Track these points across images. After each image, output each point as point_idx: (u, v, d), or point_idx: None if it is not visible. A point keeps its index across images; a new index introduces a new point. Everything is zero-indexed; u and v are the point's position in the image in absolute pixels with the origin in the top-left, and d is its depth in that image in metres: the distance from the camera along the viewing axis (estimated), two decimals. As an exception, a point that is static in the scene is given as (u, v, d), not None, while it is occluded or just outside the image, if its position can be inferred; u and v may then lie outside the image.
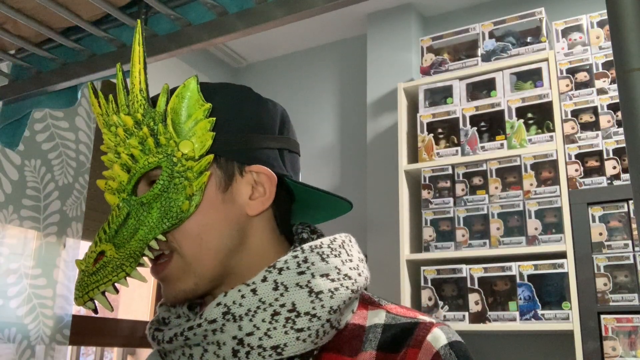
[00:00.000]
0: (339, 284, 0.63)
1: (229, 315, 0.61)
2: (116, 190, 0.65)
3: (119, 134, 0.65)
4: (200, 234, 0.64)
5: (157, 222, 0.63)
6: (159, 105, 0.64)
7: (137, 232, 0.63)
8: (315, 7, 0.74)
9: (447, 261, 2.20)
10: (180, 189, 0.63)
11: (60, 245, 1.99)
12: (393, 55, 2.70)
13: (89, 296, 0.61)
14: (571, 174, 2.04)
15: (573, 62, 2.16)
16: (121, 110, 0.65)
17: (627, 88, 0.44)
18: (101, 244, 0.63)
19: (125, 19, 0.84)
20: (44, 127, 2.00)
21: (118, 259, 0.62)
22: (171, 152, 0.64)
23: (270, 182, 0.67)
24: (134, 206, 0.64)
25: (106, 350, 2.70)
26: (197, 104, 0.65)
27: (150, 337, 0.67)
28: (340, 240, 0.69)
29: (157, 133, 0.64)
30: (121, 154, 0.65)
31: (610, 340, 1.83)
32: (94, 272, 0.61)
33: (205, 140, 0.64)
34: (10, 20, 0.88)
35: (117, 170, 0.65)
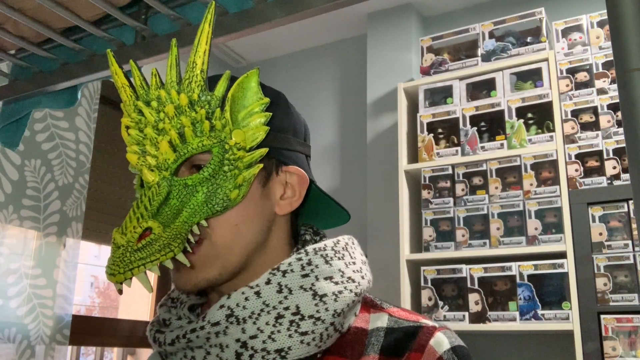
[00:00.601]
0: (343, 287, 0.63)
1: (232, 317, 0.60)
2: (156, 167, 0.63)
3: (165, 111, 0.63)
4: (238, 225, 0.64)
5: (202, 206, 0.62)
6: (217, 90, 0.64)
7: (181, 213, 0.62)
8: (315, 7, 0.74)
9: (447, 261, 2.20)
10: (229, 177, 0.63)
11: (60, 245, 1.99)
12: (393, 55, 2.70)
13: (132, 273, 0.58)
14: (571, 174, 2.04)
15: (573, 62, 2.16)
16: (170, 87, 0.63)
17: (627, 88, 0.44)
18: (146, 220, 0.60)
19: (125, 19, 0.84)
20: (44, 127, 2.00)
21: (166, 237, 0.59)
22: (224, 139, 0.63)
23: (301, 184, 0.69)
24: (176, 186, 0.62)
25: (106, 350, 2.70)
26: (256, 97, 0.66)
27: (151, 338, 0.67)
28: (343, 243, 0.69)
29: (212, 117, 0.63)
30: (169, 131, 0.63)
31: (610, 340, 1.83)
32: (138, 249, 0.58)
33: (258, 133, 0.65)
34: (10, 20, 0.88)
35: (164, 147, 0.62)
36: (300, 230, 0.73)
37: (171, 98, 0.63)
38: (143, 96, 0.64)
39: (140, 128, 0.64)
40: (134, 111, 0.64)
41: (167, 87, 0.63)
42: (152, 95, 0.64)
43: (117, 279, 0.57)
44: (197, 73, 0.63)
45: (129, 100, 0.65)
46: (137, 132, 0.64)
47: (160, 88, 0.64)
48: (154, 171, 0.63)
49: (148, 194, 0.62)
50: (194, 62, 0.63)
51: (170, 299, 0.73)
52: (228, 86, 0.64)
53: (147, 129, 0.63)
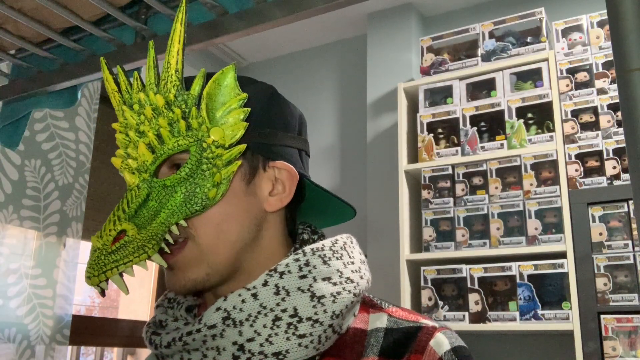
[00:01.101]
0: (341, 288, 0.62)
1: (229, 320, 0.59)
2: (136, 169, 0.63)
3: (144, 113, 0.63)
4: (221, 224, 0.63)
5: (180, 206, 0.61)
6: (193, 89, 0.63)
7: (159, 214, 0.61)
8: (315, 7, 0.74)
9: (447, 261, 2.20)
10: (207, 176, 0.62)
11: (60, 245, 1.99)
12: (393, 55, 2.70)
13: (105, 276, 0.58)
14: (571, 174, 2.04)
15: (573, 62, 2.16)
16: (149, 89, 0.63)
17: (627, 88, 0.44)
18: (121, 222, 0.60)
19: (125, 19, 0.84)
20: (44, 127, 2.00)
21: (140, 239, 0.59)
22: (201, 137, 0.63)
23: (291, 180, 0.67)
24: (156, 188, 0.62)
25: (106, 350, 2.70)
26: (233, 93, 0.65)
27: (147, 340, 0.66)
28: (341, 242, 0.68)
29: (189, 116, 0.63)
30: (147, 133, 0.62)
31: (610, 340, 1.83)
32: (112, 252, 0.59)
33: (237, 130, 0.64)
34: (10, 20, 0.88)
35: (141, 149, 0.62)
36: (298, 229, 0.72)
37: (149, 100, 0.63)
38: (127, 100, 0.64)
39: (126, 132, 0.64)
40: (122, 115, 0.64)
41: (147, 90, 0.63)
42: (134, 99, 0.64)
43: (92, 282, 0.58)
44: (171, 73, 0.63)
45: (118, 105, 0.65)
46: (123, 136, 0.64)
47: (141, 91, 0.64)
48: (134, 173, 0.63)
49: (127, 196, 0.62)
50: (168, 62, 0.63)
51: (167, 300, 0.72)
52: (203, 84, 0.64)
53: (130, 132, 0.63)
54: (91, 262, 0.59)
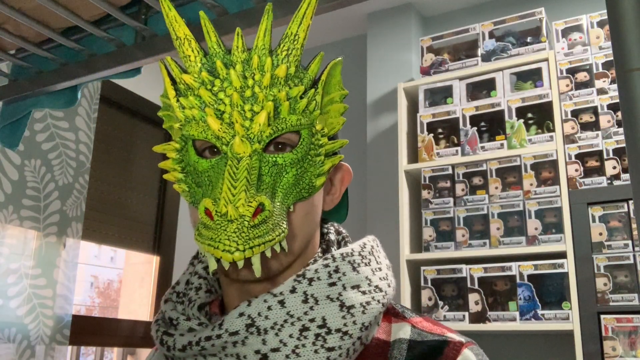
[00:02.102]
0: (370, 297, 0.59)
1: (252, 328, 0.55)
2: (246, 137, 0.57)
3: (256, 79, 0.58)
4: (308, 214, 0.61)
5: (292, 189, 0.58)
6: (312, 70, 0.61)
7: (276, 192, 0.57)
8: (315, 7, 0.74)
9: (447, 261, 2.20)
10: (314, 163, 0.60)
11: (60, 245, 1.99)
12: (393, 55, 2.70)
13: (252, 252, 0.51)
14: (571, 174, 2.04)
15: (573, 62, 2.16)
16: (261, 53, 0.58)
17: (627, 88, 0.44)
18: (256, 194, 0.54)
19: (125, 19, 0.84)
20: (44, 127, 2.00)
21: (276, 216, 0.54)
22: (313, 122, 0.60)
23: (343, 182, 0.67)
24: (266, 163, 0.57)
25: (106, 350, 2.70)
26: (338, 86, 0.64)
27: (159, 341, 0.61)
28: (369, 246, 0.65)
29: (306, 96, 0.60)
30: (264, 102, 0.57)
31: (610, 340, 1.83)
32: (255, 225, 0.52)
33: (337, 123, 0.63)
34: (10, 20, 0.88)
35: (261, 118, 0.56)
36: (323, 229, 0.69)
37: (265, 66, 0.58)
38: (220, 55, 0.59)
39: (213, 91, 0.58)
40: (203, 69, 0.59)
41: (259, 52, 0.58)
42: (237, 58, 0.58)
43: (235, 257, 0.50)
44: (297, 47, 0.59)
45: (195, 57, 0.59)
46: (209, 95, 0.58)
47: (247, 51, 0.59)
48: (244, 142, 0.56)
49: (241, 166, 0.55)
50: (296, 34, 0.59)
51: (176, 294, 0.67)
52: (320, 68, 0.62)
53: (230, 93, 0.57)
54: (230, 234, 0.51)
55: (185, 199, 0.62)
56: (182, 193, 0.62)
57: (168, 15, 0.61)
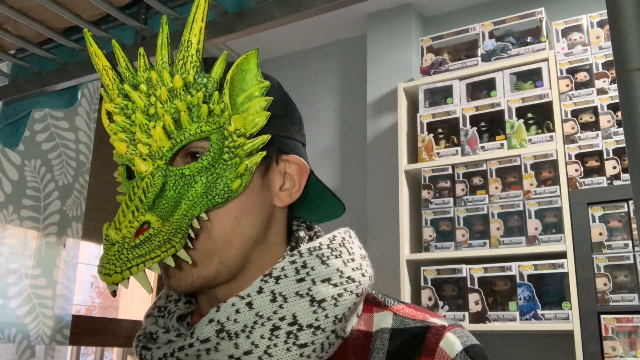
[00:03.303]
0: (343, 289, 0.58)
1: (223, 333, 0.55)
2: (149, 155, 0.57)
3: (157, 94, 0.57)
4: (239, 217, 0.59)
5: (201, 197, 0.57)
6: (214, 72, 0.59)
7: (179, 205, 0.56)
8: (315, 7, 0.74)
9: (447, 261, 2.20)
10: (230, 166, 0.58)
11: (60, 245, 1.99)
12: (393, 55, 2.70)
13: (130, 272, 0.51)
14: (571, 174, 2.04)
15: (573, 62, 2.16)
16: (161, 68, 0.58)
17: (627, 88, 0.44)
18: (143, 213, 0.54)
19: (125, 19, 0.84)
20: (44, 127, 2.00)
21: (165, 232, 0.53)
22: (223, 124, 0.58)
23: (301, 175, 0.65)
24: (172, 177, 0.57)
25: (106, 350, 2.70)
26: (255, 80, 0.61)
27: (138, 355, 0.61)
28: (339, 238, 0.64)
29: (210, 101, 0.58)
30: (163, 116, 0.57)
31: (610, 340, 1.83)
32: (136, 245, 0.52)
33: (259, 119, 0.60)
34: (10, 20, 0.88)
35: (158, 133, 0.56)
36: (293, 226, 0.68)
37: (163, 80, 0.58)
38: (129, 79, 0.59)
39: (127, 114, 0.58)
40: (119, 95, 0.59)
41: (158, 68, 0.58)
42: (141, 78, 0.58)
43: (113, 279, 0.51)
44: (192, 53, 0.58)
45: (112, 84, 0.59)
46: (123, 119, 0.58)
47: (149, 70, 0.58)
48: (147, 160, 0.57)
49: (141, 185, 0.56)
50: (188, 40, 0.58)
51: (157, 308, 0.67)
52: (225, 68, 0.60)
53: (137, 115, 0.57)
54: (110, 257, 0.52)
55: None
56: None
57: (89, 50, 0.61)
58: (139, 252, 0.52)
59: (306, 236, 0.67)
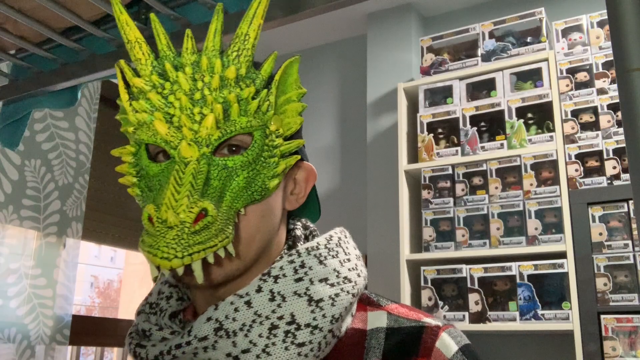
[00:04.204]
0: (339, 289, 0.59)
1: (221, 331, 0.55)
2: (194, 141, 0.56)
3: (206, 81, 0.57)
4: (264, 216, 0.60)
5: (242, 192, 0.57)
6: (264, 70, 0.60)
7: (224, 197, 0.56)
8: (315, 7, 0.74)
9: (447, 261, 2.20)
10: (268, 165, 0.59)
11: (60, 245, 1.99)
12: (393, 55, 2.70)
13: (191, 258, 0.50)
14: (571, 174, 2.04)
15: (573, 62, 2.16)
16: (211, 55, 0.58)
17: (627, 88, 0.44)
18: (198, 199, 0.53)
19: (125, 19, 0.84)
20: (44, 127, 2.00)
21: (219, 222, 0.53)
22: (266, 123, 0.59)
23: (308, 181, 0.66)
24: (215, 167, 0.56)
25: (106, 350, 2.70)
26: (295, 85, 0.63)
27: (132, 353, 0.61)
28: (336, 238, 0.65)
29: (258, 97, 0.59)
30: (212, 104, 0.56)
31: (610, 340, 1.83)
32: (196, 232, 0.51)
33: (294, 123, 0.61)
34: (10, 20, 0.88)
35: (209, 121, 0.55)
36: (289, 225, 0.69)
37: (214, 67, 0.57)
38: (170, 58, 0.58)
39: (164, 94, 0.57)
40: (152, 73, 0.58)
41: (209, 54, 0.58)
42: (186, 60, 0.58)
43: (173, 264, 0.49)
44: (248, 47, 0.59)
45: (145, 59, 0.58)
46: (159, 98, 0.57)
47: (197, 53, 0.58)
48: (192, 146, 0.56)
49: (188, 170, 0.54)
50: (246, 34, 0.59)
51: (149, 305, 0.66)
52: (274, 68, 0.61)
53: (180, 97, 0.56)
54: (168, 241, 0.50)
55: (139, 203, 0.61)
56: (136, 197, 0.61)
57: (120, 19, 0.59)
58: (199, 239, 0.51)
59: (302, 235, 0.67)
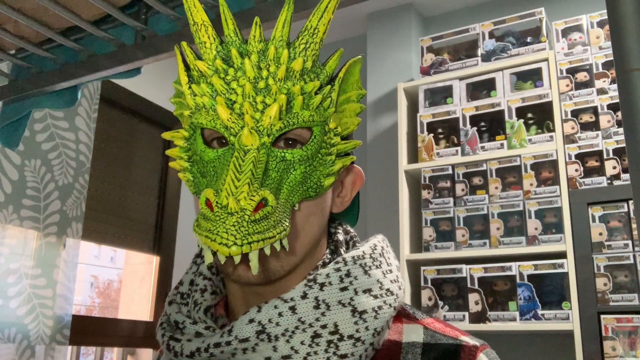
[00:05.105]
0: (382, 302, 0.58)
1: (263, 334, 0.54)
2: (255, 130, 0.55)
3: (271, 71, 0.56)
4: (311, 215, 0.59)
5: (298, 186, 0.56)
6: (329, 66, 0.59)
7: (282, 189, 0.55)
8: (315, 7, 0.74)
9: (447, 261, 2.20)
10: (325, 162, 0.58)
11: (60, 245, 1.99)
12: (393, 55, 2.70)
13: (250, 247, 0.49)
14: (571, 174, 2.04)
15: (573, 62, 2.16)
16: (278, 45, 0.57)
17: (627, 88, 0.44)
18: (259, 188, 0.52)
19: (125, 19, 0.84)
20: (44, 127, 2.00)
21: (278, 213, 0.52)
22: (326, 119, 0.58)
23: (354, 185, 0.65)
24: (274, 158, 0.55)
25: (106, 350, 2.70)
26: (356, 85, 0.62)
27: (165, 345, 0.59)
28: (379, 248, 0.64)
29: (321, 92, 0.58)
30: (277, 94, 0.55)
31: (610, 340, 1.83)
32: (255, 220, 0.50)
33: (352, 123, 0.60)
34: (11, 20, 0.88)
35: (273, 111, 0.54)
36: (330, 228, 0.67)
37: (281, 57, 0.56)
38: (236, 44, 0.57)
39: (227, 80, 0.56)
40: (216, 58, 0.57)
41: (276, 44, 0.57)
42: (253, 47, 0.57)
43: (232, 251, 0.48)
44: (316, 41, 0.58)
45: (211, 44, 0.57)
46: (222, 82, 0.56)
47: (264, 42, 0.57)
48: (254, 134, 0.54)
49: (249, 158, 0.53)
50: (316, 27, 0.57)
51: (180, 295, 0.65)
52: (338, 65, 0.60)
53: (244, 84, 0.55)
54: (228, 227, 0.49)
55: (189, 188, 0.60)
56: (187, 182, 0.60)
57: (187, 0, 0.59)
58: (258, 228, 0.50)
59: (344, 240, 0.66)
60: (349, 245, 0.67)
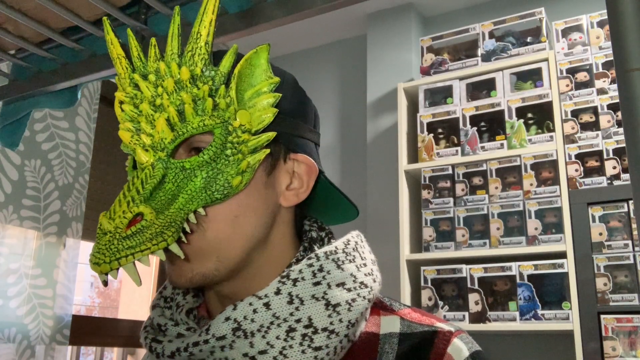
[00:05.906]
0: (356, 294, 0.59)
1: (239, 331, 0.55)
2: (151, 146, 0.57)
3: (164, 85, 0.57)
4: (239, 216, 0.59)
5: (200, 192, 0.56)
6: (222, 65, 0.59)
7: (177, 199, 0.56)
8: (315, 7, 0.74)
9: (447, 261, 2.20)
10: (231, 162, 0.57)
11: (60, 245, 1.99)
12: (393, 55, 2.70)
13: (118, 263, 0.51)
14: (571, 174, 2.04)
15: (573, 62, 2.16)
16: (170, 59, 0.57)
17: (627, 88, 0.44)
18: (137, 204, 0.53)
19: (125, 19, 0.84)
20: (44, 127, 2.00)
21: (158, 225, 0.53)
22: (228, 119, 0.57)
23: (310, 174, 0.64)
24: (173, 169, 0.56)
25: (106, 350, 2.70)
26: (265, 75, 0.61)
27: (148, 348, 0.61)
28: (353, 242, 0.65)
29: (216, 94, 0.58)
30: (167, 107, 0.56)
31: (610, 340, 1.83)
32: (127, 236, 0.52)
33: (265, 115, 0.59)
34: (11, 20, 0.88)
35: (160, 125, 0.56)
36: (305, 226, 0.68)
37: (171, 71, 0.57)
38: (140, 68, 0.58)
39: (136, 104, 0.58)
40: (129, 85, 0.58)
41: (167, 59, 0.58)
42: (150, 68, 0.58)
43: (102, 269, 0.51)
44: (201, 45, 0.57)
45: (124, 73, 0.59)
46: (131, 108, 0.58)
47: (159, 60, 0.58)
48: (149, 151, 0.57)
49: (141, 176, 0.55)
50: (198, 32, 0.58)
51: (163, 299, 0.67)
52: (234, 62, 0.59)
53: (143, 105, 0.57)
54: (100, 247, 0.51)
55: None
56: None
57: (106, 38, 0.61)
58: (129, 244, 0.52)
59: (319, 237, 0.67)
60: (324, 241, 0.67)
